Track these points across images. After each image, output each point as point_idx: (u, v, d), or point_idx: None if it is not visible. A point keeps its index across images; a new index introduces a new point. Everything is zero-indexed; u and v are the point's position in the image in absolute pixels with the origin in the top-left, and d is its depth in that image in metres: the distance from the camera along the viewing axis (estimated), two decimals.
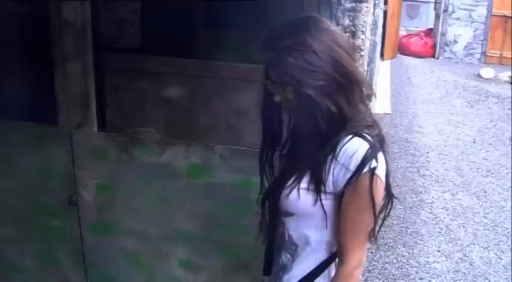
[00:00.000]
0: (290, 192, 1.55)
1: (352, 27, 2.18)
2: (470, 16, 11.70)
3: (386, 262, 4.11)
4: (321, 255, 1.63)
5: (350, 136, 1.49)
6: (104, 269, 2.70)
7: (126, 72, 2.83)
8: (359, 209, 1.52)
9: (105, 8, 2.78)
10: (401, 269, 4.04)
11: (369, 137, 1.50)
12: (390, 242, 4.38)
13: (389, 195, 1.59)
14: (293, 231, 1.64)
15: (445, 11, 11.80)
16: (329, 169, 1.51)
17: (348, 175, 1.48)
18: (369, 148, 1.47)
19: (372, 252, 4.17)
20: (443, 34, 11.88)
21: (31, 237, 2.77)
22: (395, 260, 4.14)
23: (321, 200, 1.52)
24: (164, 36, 2.78)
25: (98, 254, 2.68)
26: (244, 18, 2.28)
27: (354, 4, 2.16)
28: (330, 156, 1.50)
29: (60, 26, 2.41)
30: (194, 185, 2.44)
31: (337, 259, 1.61)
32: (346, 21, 2.18)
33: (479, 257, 4.19)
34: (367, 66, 2.67)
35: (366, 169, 1.46)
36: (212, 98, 2.72)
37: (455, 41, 11.85)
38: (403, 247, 4.33)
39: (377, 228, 1.59)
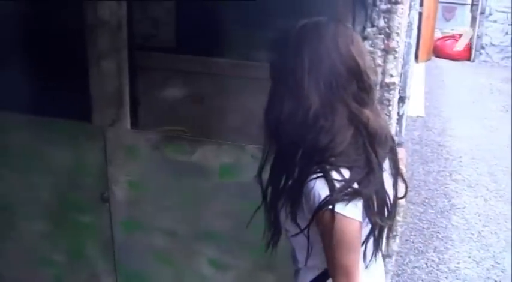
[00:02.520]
0: (280, 211, 1.55)
1: (387, 29, 2.16)
2: (507, 18, 11.49)
3: (416, 267, 4.07)
4: (315, 274, 1.62)
5: (315, 175, 1.43)
6: (133, 266, 2.72)
7: (159, 71, 2.85)
8: (328, 244, 1.46)
9: (139, 7, 2.80)
10: (431, 274, 4.00)
11: (336, 183, 1.41)
12: (420, 247, 4.34)
13: (372, 220, 1.49)
14: (294, 246, 1.64)
15: (482, 13, 11.61)
16: (301, 200, 1.47)
17: (308, 211, 1.45)
18: (328, 195, 1.40)
19: (401, 256, 4.14)
20: (479, 37, 11.69)
21: (63, 233, 2.80)
22: (425, 265, 4.10)
23: (299, 226, 1.49)
24: (198, 36, 2.79)
25: (127, 250, 2.70)
26: (279, 19, 2.27)
27: (389, 5, 2.13)
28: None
29: (95, 24, 2.43)
30: (225, 185, 2.45)
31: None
32: (381, 23, 2.16)
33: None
34: (402, 68, 2.64)
35: (323, 209, 1.41)
36: (244, 97, 2.72)
37: (492, 44, 11.64)
38: (434, 252, 4.28)
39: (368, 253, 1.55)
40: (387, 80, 2.21)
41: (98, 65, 2.48)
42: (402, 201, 2.21)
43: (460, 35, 12.26)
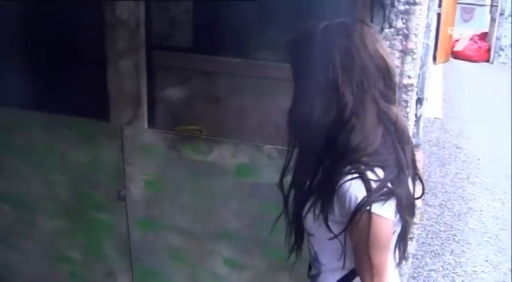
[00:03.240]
0: (307, 214, 1.53)
1: (405, 30, 2.15)
2: None
3: (432, 269, 4.05)
4: (340, 275, 1.60)
5: (350, 176, 1.41)
6: (149, 264, 2.74)
7: (176, 70, 2.86)
8: (361, 245, 1.44)
9: (157, 7, 2.81)
10: (447, 277, 3.97)
11: (373, 183, 1.40)
12: (437, 249, 4.31)
13: (404, 219, 1.49)
14: (317, 250, 1.63)
15: (502, 14, 11.51)
16: (332, 201, 1.45)
17: (345, 215, 1.43)
18: (365, 196, 1.39)
19: (417, 259, 4.11)
20: (498, 38, 11.59)
21: (80, 230, 2.83)
22: (441, 268, 4.07)
23: (330, 229, 1.47)
24: (215, 36, 2.80)
25: (143, 249, 2.72)
26: (297, 19, 2.27)
27: (407, 6, 2.12)
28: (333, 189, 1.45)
29: (114, 23, 2.45)
30: (241, 184, 2.45)
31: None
32: (399, 24, 2.15)
33: None
34: (419, 69, 2.63)
35: (362, 210, 1.39)
36: (261, 98, 2.72)
37: (511, 46, 11.53)
38: (450, 255, 4.25)
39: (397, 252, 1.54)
40: (405, 81, 2.20)
41: (116, 64, 2.50)
42: (419, 204, 2.20)
43: (479, 36, 12.17)
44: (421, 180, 1.60)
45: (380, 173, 1.42)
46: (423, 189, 1.62)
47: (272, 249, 2.38)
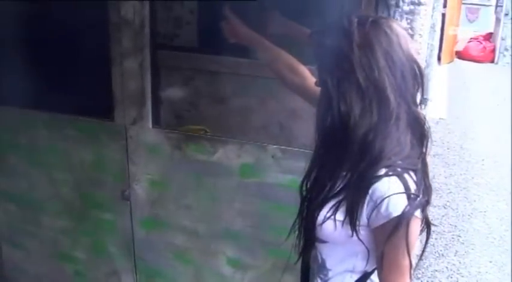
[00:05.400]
0: (324, 221, 1.48)
1: (409, 31, 2.14)
2: None
3: (436, 270, 4.04)
4: (352, 278, 1.58)
5: (387, 178, 1.38)
6: (153, 264, 2.74)
7: (181, 70, 2.86)
8: (394, 248, 1.40)
9: (162, 6, 2.81)
10: (451, 278, 3.97)
11: (411, 186, 1.38)
12: (441, 250, 4.30)
13: (427, 225, 1.48)
14: (326, 257, 1.60)
15: (506, 14, 11.48)
16: (363, 204, 1.41)
17: (380, 218, 1.40)
18: (409, 203, 1.36)
19: (421, 259, 4.10)
20: (503, 39, 11.55)
21: (84, 230, 2.83)
22: (445, 269, 4.06)
23: (357, 234, 1.44)
24: (220, 36, 2.80)
25: (147, 248, 2.72)
26: (301, 19, 2.27)
27: (412, 7, 2.12)
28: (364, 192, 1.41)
29: (119, 23, 2.45)
30: (245, 184, 2.45)
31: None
32: (404, 24, 2.14)
33: None
34: (424, 70, 2.62)
35: (407, 216, 1.36)
36: (266, 98, 2.72)
37: None
38: (454, 256, 4.24)
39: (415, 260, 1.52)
40: None
41: (121, 64, 2.50)
42: None
43: (484, 37, 12.14)
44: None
45: (414, 176, 1.41)
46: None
47: (276, 249, 2.38)
